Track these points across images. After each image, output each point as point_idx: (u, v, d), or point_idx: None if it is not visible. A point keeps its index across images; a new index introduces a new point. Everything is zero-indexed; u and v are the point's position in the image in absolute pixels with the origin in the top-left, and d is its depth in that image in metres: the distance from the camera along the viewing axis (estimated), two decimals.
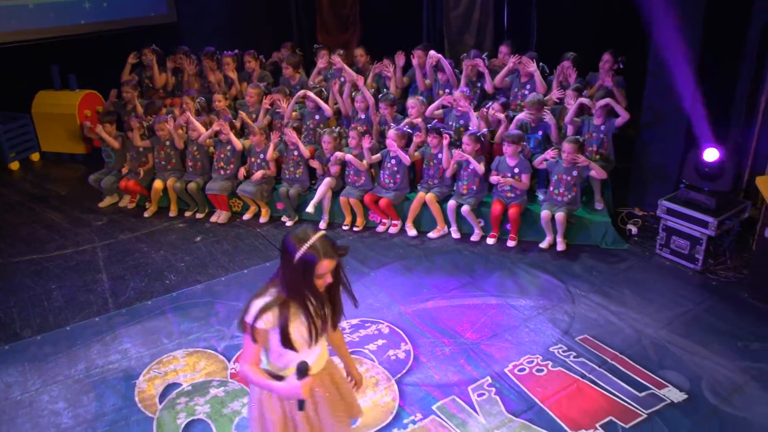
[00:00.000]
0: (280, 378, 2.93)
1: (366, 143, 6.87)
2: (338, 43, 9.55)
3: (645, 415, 4.41)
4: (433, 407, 4.49)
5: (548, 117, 6.78)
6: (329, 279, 2.84)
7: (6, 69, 9.28)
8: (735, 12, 6.28)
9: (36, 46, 9.64)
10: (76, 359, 5.09)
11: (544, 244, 6.58)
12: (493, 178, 6.58)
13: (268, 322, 2.82)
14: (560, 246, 6.52)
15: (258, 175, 7.17)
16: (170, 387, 4.74)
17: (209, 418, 4.43)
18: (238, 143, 7.27)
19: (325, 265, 2.76)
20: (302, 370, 2.77)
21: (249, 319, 2.82)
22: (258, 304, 2.83)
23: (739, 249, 6.33)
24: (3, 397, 4.70)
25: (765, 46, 6.30)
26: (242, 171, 7.30)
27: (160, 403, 4.60)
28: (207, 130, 7.38)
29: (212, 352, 5.09)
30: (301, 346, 2.89)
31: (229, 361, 4.99)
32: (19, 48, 9.48)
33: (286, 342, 2.83)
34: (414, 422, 4.36)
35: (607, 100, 6.63)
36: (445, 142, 6.72)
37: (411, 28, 9.50)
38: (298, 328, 2.86)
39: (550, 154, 6.49)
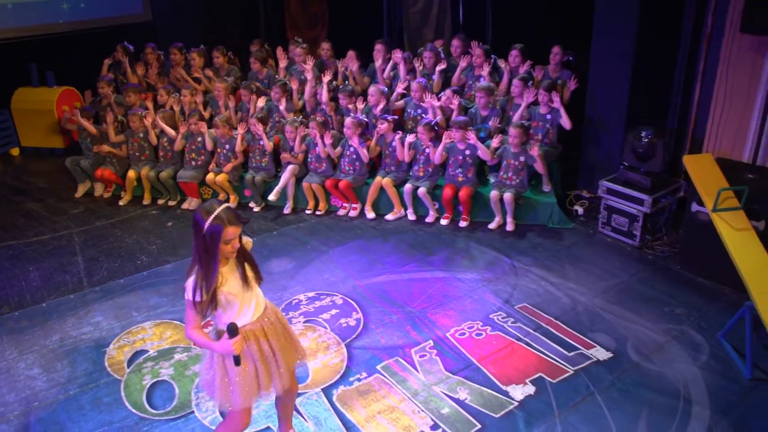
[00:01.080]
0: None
1: (327, 139, 7.27)
2: (307, 40, 9.91)
3: (572, 371, 4.84)
4: (378, 367, 4.92)
5: (494, 118, 7.23)
6: (237, 244, 3.25)
7: None
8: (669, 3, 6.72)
9: (15, 45, 10.01)
10: (51, 331, 5.49)
11: (493, 225, 7.01)
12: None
13: (197, 291, 3.20)
14: (509, 226, 6.95)
15: (228, 167, 7.56)
16: (138, 353, 5.15)
17: (172, 379, 4.84)
18: (210, 143, 7.67)
19: (231, 232, 3.16)
20: (232, 330, 3.20)
21: (189, 296, 3.22)
22: (191, 282, 3.22)
23: (675, 225, 6.76)
24: None
25: (697, 36, 6.72)
26: (211, 176, 7.66)
27: (128, 367, 5.00)
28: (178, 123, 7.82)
29: (178, 323, 5.50)
30: (234, 300, 3.32)
31: None
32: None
33: (217, 303, 3.26)
34: (359, 380, 4.78)
35: (556, 102, 7.05)
36: (397, 137, 7.15)
37: (373, 24, 9.92)
38: (230, 287, 3.29)
39: (495, 142, 6.92)
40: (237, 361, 3.30)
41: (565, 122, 7.05)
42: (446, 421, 4.38)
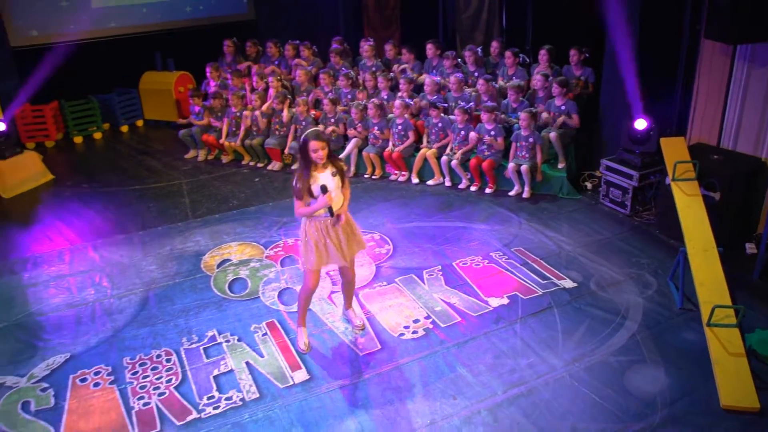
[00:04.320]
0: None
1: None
2: (382, 38, 11.72)
3: (540, 293, 6.41)
4: (396, 280, 6.65)
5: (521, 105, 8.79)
6: (321, 154, 5.00)
7: (121, 55, 11.98)
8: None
9: (145, 37, 12.36)
10: (165, 244, 7.53)
11: (513, 192, 8.57)
12: (471, 134, 8.62)
13: (299, 182, 5.07)
14: (526, 194, 8.50)
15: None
16: (224, 261, 7.10)
17: (247, 277, 6.76)
18: (287, 116, 9.65)
19: (313, 144, 4.96)
20: (323, 189, 4.98)
21: (293, 182, 5.12)
22: (295, 178, 5.12)
23: (664, 198, 8.11)
24: (117, 262, 7.21)
25: (695, 36, 7.94)
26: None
27: (217, 268, 6.94)
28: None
29: (256, 243, 7.43)
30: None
31: (265, 249, 7.31)
32: (131, 39, 12.24)
33: (309, 192, 5.06)
34: (380, 286, 6.54)
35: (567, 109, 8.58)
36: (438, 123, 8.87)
37: (431, 27, 11.68)
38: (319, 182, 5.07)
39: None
40: (331, 212, 5.08)
41: (574, 122, 8.56)
42: (437, 314, 6.07)
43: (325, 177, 5.11)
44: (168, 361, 5.57)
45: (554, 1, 9.68)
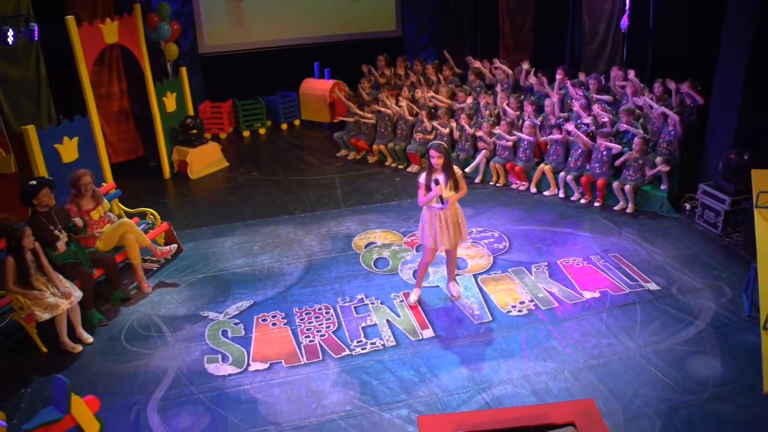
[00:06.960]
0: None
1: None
2: (515, 61, 13.13)
3: (627, 291, 7.70)
4: (508, 270, 8.15)
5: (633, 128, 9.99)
6: (435, 161, 6.66)
7: (287, 63, 14.09)
8: None
9: (307, 48, 14.41)
10: (322, 226, 9.37)
11: (617, 207, 9.82)
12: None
13: (422, 179, 6.74)
14: (629, 209, 9.73)
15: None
16: (370, 243, 8.83)
17: (389, 257, 8.46)
18: (429, 125, 11.25)
19: (432, 152, 6.65)
20: (437, 182, 6.61)
21: (419, 178, 6.79)
22: (423, 174, 6.79)
23: (752, 222, 9.10)
24: (285, 237, 9.07)
25: None
26: None
27: (364, 248, 8.68)
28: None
29: (396, 231, 9.11)
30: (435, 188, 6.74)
31: (404, 236, 8.98)
32: (294, 49, 14.32)
33: (428, 188, 6.72)
34: (495, 273, 8.06)
35: (664, 110, 9.73)
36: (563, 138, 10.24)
37: (558, 53, 13.03)
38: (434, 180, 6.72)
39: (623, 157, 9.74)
40: (441, 199, 6.75)
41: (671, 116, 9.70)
42: (538, 299, 7.54)
43: (440, 178, 6.75)
44: (327, 313, 7.34)
45: (672, 38, 10.82)
